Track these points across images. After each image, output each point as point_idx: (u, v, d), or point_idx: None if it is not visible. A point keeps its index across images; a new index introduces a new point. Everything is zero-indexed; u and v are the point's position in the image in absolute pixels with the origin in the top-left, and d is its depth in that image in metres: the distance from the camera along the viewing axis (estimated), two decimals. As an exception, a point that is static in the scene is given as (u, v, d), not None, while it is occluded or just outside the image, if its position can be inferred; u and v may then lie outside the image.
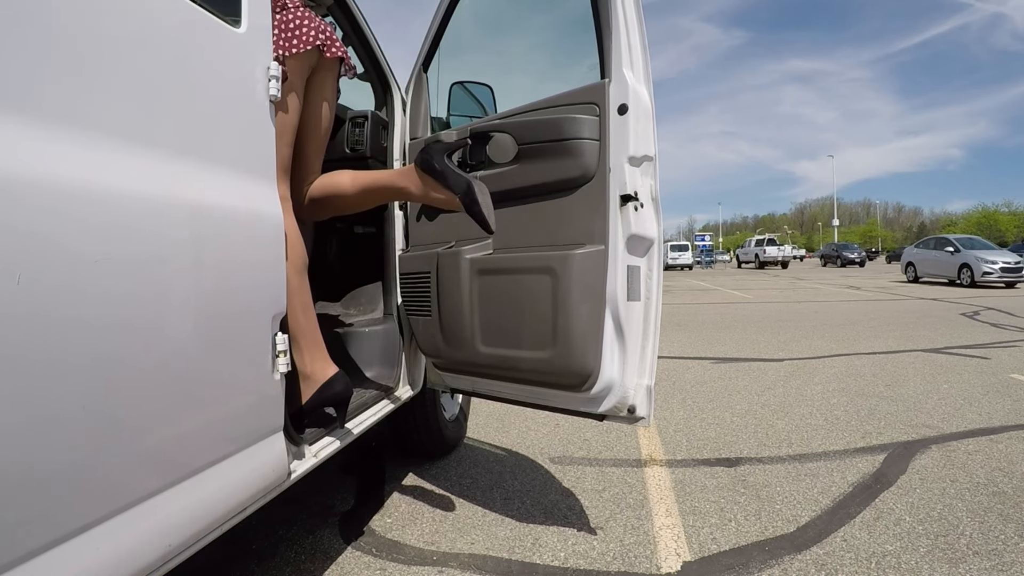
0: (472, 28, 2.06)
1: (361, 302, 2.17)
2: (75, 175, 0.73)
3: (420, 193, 1.43)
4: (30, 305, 0.66)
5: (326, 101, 1.48)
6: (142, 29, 0.86)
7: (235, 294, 1.02)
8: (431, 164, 1.39)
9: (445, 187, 1.38)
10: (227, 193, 1.01)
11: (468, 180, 1.36)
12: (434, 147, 1.41)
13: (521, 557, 1.62)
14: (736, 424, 2.84)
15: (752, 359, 4.58)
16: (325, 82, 1.47)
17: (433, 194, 1.41)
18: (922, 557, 1.57)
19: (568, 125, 1.47)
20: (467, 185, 1.35)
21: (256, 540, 1.74)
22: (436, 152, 1.40)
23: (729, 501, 1.96)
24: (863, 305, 9.07)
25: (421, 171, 1.41)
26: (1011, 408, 3.02)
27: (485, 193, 1.37)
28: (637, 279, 1.46)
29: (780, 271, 26.31)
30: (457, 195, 1.36)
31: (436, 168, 1.38)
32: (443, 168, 1.38)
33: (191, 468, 0.93)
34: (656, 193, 1.46)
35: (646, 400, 1.48)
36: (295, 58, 1.34)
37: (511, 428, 2.84)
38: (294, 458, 1.24)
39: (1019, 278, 12.58)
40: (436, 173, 1.38)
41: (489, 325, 1.61)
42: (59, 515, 0.70)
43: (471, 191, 1.34)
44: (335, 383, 1.38)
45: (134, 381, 0.81)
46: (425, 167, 1.40)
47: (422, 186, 1.42)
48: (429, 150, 1.41)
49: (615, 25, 1.44)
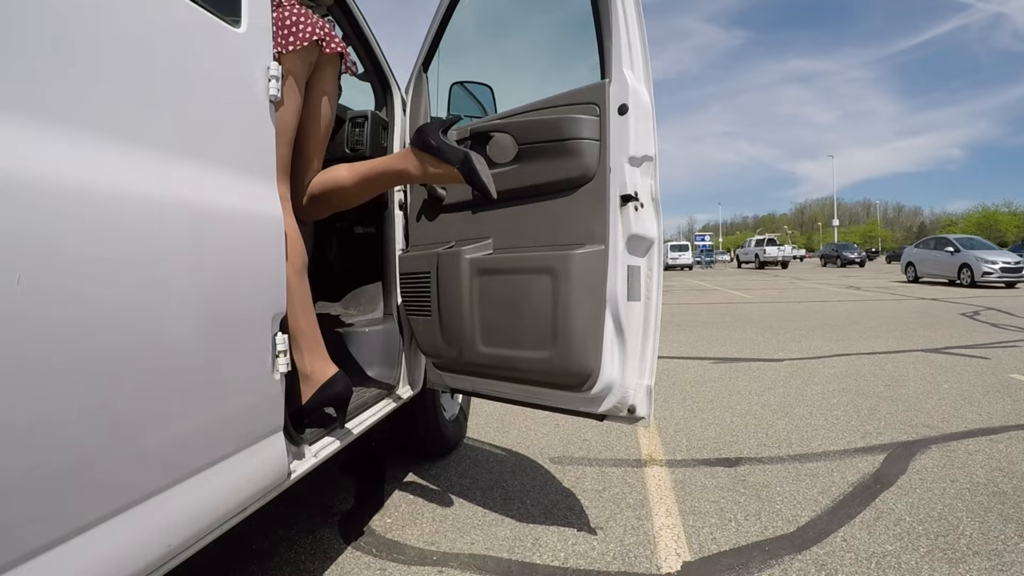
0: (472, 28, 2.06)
1: (361, 302, 2.17)
2: (75, 175, 0.73)
3: (419, 172, 1.45)
4: (30, 305, 0.66)
5: (326, 99, 1.48)
6: (142, 29, 0.86)
7: (235, 294, 1.02)
8: (427, 141, 1.41)
9: (443, 161, 1.40)
10: (227, 193, 1.01)
11: (464, 151, 1.38)
12: (429, 126, 1.43)
13: (521, 557, 1.62)
14: (736, 424, 2.84)
15: (752, 359, 4.58)
16: (325, 80, 1.46)
17: (432, 170, 1.43)
18: (922, 557, 1.57)
19: (568, 125, 1.47)
20: (464, 155, 1.37)
21: (256, 540, 1.74)
22: (431, 130, 1.42)
23: (729, 501, 1.96)
24: (863, 305, 9.07)
25: (417, 150, 1.43)
26: (1011, 408, 3.02)
27: (482, 162, 1.39)
28: (637, 279, 1.46)
29: (780, 271, 26.31)
30: (455, 166, 1.38)
31: (432, 144, 1.40)
32: (439, 143, 1.40)
33: (191, 468, 0.92)
34: (656, 193, 1.46)
35: (646, 400, 1.48)
36: (293, 55, 1.33)
37: (511, 428, 2.84)
38: (294, 458, 1.24)
39: (1019, 278, 12.58)
40: (432, 149, 1.40)
41: (489, 325, 1.61)
42: (59, 515, 0.70)
43: (469, 160, 1.37)
44: (335, 383, 1.38)
45: (134, 381, 0.81)
46: (421, 145, 1.42)
47: (420, 164, 1.44)
48: (424, 129, 1.43)
49: (615, 25, 1.44)
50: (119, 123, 0.82)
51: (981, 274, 12.63)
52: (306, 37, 1.34)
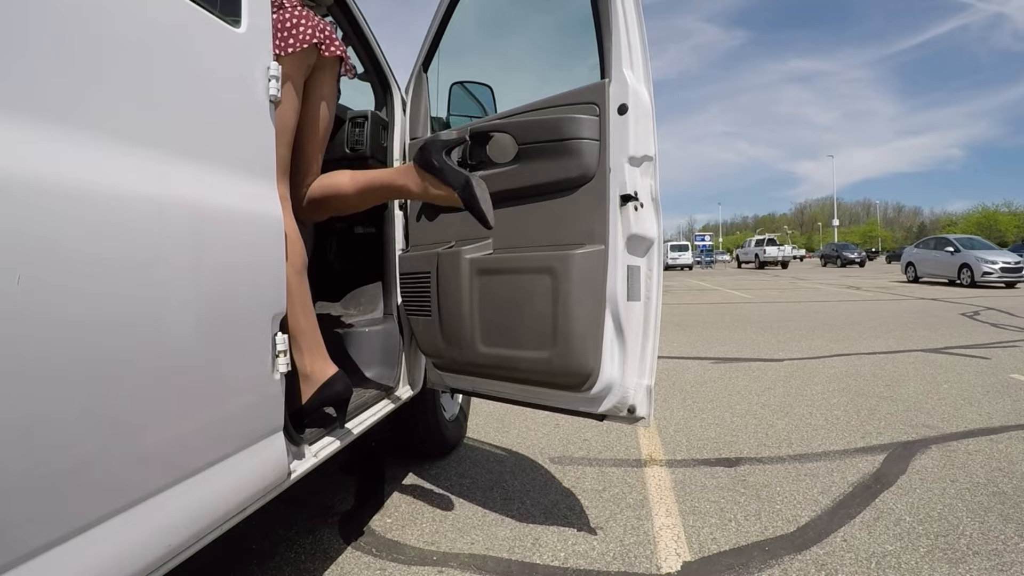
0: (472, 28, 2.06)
1: (361, 302, 2.17)
2: (75, 175, 0.73)
3: (419, 190, 1.44)
4: (30, 305, 0.66)
5: (325, 101, 1.48)
6: (142, 29, 0.86)
7: (235, 294, 1.02)
8: (429, 161, 1.40)
9: (444, 183, 1.38)
10: (227, 193, 1.01)
11: (466, 176, 1.37)
12: (432, 144, 1.42)
13: (521, 557, 1.62)
14: (736, 424, 2.84)
15: (752, 359, 4.58)
16: (324, 82, 1.46)
17: (432, 190, 1.41)
18: (922, 557, 1.57)
19: (568, 125, 1.47)
20: (465, 181, 1.36)
21: (256, 540, 1.74)
22: (434, 149, 1.40)
23: (729, 501, 1.96)
24: (863, 305, 9.07)
25: (420, 168, 1.42)
26: (1011, 408, 3.02)
27: (484, 189, 1.38)
28: (637, 279, 1.46)
29: (780, 271, 26.31)
30: (456, 191, 1.37)
31: (434, 165, 1.39)
32: (441, 164, 1.39)
33: (191, 468, 0.93)
34: (656, 193, 1.46)
35: (646, 400, 1.48)
36: (292, 57, 1.33)
37: (511, 428, 2.84)
38: (294, 458, 1.24)
39: (1019, 278, 12.58)
40: (434, 170, 1.39)
41: (489, 325, 1.61)
42: (59, 515, 0.70)
43: (469, 186, 1.35)
44: (335, 383, 1.38)
45: (134, 381, 0.81)
46: (423, 164, 1.41)
47: (421, 183, 1.43)
48: (427, 147, 1.41)
49: (615, 25, 1.43)
50: (119, 123, 0.82)
51: (981, 274, 12.63)
52: (305, 40, 1.34)
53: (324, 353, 1.40)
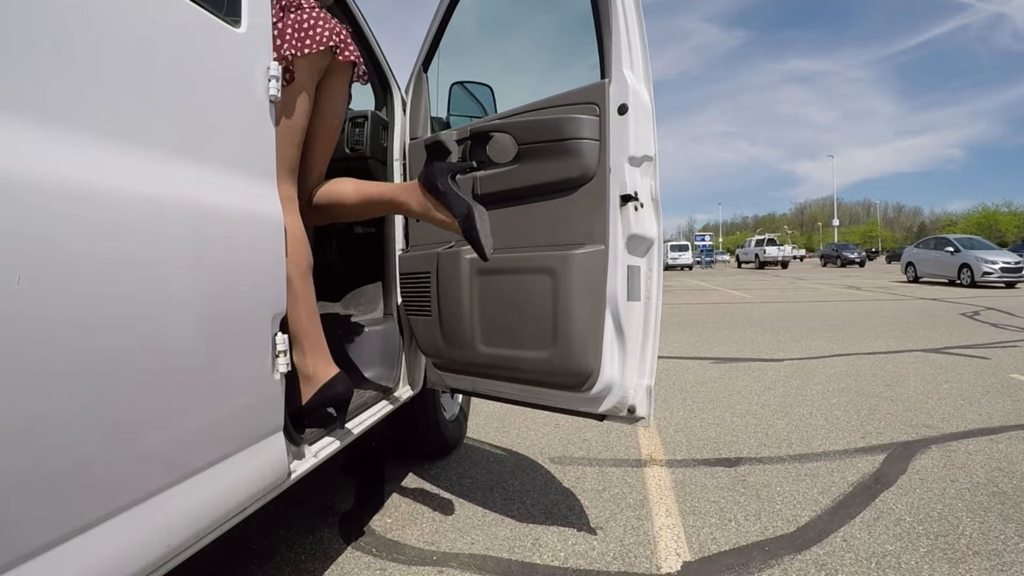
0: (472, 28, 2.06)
1: (361, 302, 2.17)
2: (75, 175, 0.73)
3: (421, 210, 1.44)
4: (30, 305, 0.66)
5: (336, 105, 1.47)
6: (142, 29, 0.86)
7: (235, 294, 1.02)
8: (435, 184, 1.39)
9: (446, 208, 1.39)
10: (227, 193, 1.01)
11: (469, 204, 1.37)
12: (439, 167, 1.41)
13: (521, 557, 1.62)
14: (736, 424, 2.84)
15: (752, 359, 4.59)
16: (336, 86, 1.45)
17: (434, 213, 1.42)
18: (922, 557, 1.57)
19: (568, 125, 1.47)
20: (468, 210, 1.36)
21: (256, 540, 1.74)
22: (440, 172, 1.40)
23: (729, 501, 1.96)
24: (863, 305, 9.07)
25: (424, 189, 1.42)
26: (1011, 408, 3.02)
27: (484, 219, 1.38)
28: (637, 279, 1.46)
29: (780, 271, 26.31)
30: (457, 219, 1.37)
31: (439, 188, 1.39)
32: (446, 189, 1.38)
33: (191, 468, 0.92)
34: (656, 193, 1.46)
35: (646, 400, 1.48)
36: (306, 59, 1.32)
37: (511, 428, 2.84)
38: (294, 458, 1.24)
39: (1019, 278, 12.58)
40: (439, 193, 1.39)
41: (489, 325, 1.61)
42: (59, 515, 0.70)
43: (471, 217, 1.35)
44: (336, 384, 1.38)
45: (134, 381, 0.81)
46: (428, 186, 1.41)
47: (424, 203, 1.43)
48: (434, 169, 1.41)
49: (615, 25, 1.43)
50: (119, 123, 0.82)
51: (981, 274, 12.63)
52: (322, 42, 1.33)
53: (327, 354, 1.40)
